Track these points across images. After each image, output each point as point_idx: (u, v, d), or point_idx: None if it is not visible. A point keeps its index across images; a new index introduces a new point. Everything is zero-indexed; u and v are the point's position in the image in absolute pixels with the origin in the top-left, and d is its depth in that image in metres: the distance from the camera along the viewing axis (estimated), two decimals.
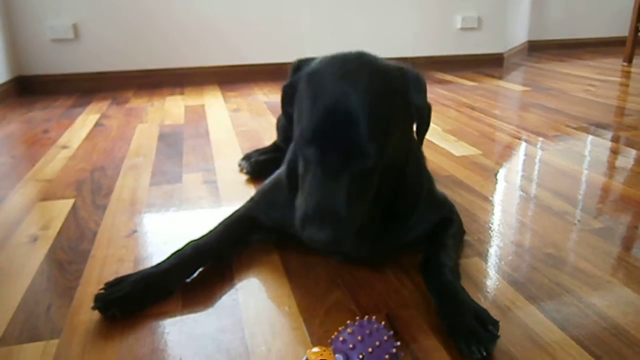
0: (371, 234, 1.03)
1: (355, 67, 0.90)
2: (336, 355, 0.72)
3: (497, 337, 0.83)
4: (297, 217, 0.87)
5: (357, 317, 0.77)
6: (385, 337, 0.74)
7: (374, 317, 0.78)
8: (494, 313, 0.92)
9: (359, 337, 0.73)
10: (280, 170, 1.20)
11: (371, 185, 0.90)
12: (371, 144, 0.85)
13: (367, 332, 0.74)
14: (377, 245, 1.06)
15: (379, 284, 1.03)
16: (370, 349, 0.71)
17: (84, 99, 2.95)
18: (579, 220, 1.30)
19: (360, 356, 0.71)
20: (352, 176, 0.86)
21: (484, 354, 0.80)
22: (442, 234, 1.10)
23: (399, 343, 0.75)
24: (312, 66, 0.95)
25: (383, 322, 0.77)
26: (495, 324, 0.85)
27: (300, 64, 0.99)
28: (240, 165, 1.70)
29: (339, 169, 0.85)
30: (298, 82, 0.96)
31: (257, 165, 1.61)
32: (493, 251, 1.16)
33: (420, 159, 1.14)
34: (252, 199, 1.23)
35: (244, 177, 1.63)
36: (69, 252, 1.19)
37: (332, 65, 0.91)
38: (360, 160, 0.86)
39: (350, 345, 0.72)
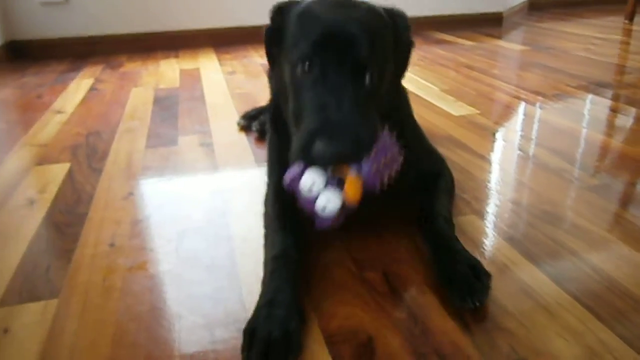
0: None
1: (345, 1, 0.93)
2: (351, 166, 0.76)
3: (489, 288, 0.84)
4: (299, 139, 0.82)
5: None
6: (395, 150, 0.79)
7: (386, 128, 0.81)
8: (490, 269, 0.93)
9: (374, 150, 0.77)
10: (270, 136, 1.18)
11: (373, 108, 0.87)
12: (371, 60, 0.85)
13: (381, 145, 0.78)
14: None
15: (375, 241, 1.04)
16: (383, 161, 0.75)
17: (77, 63, 2.91)
18: (576, 178, 1.30)
19: (374, 168, 0.74)
20: (356, 93, 0.84)
21: (477, 304, 0.81)
22: (434, 187, 1.10)
23: (402, 157, 0.79)
24: (301, 7, 0.94)
25: (394, 133, 0.81)
26: (488, 276, 0.86)
27: (283, 7, 0.97)
28: (240, 124, 1.69)
29: (342, 85, 0.83)
30: (286, 22, 0.94)
31: (264, 126, 1.60)
32: (490, 209, 1.16)
33: (404, 92, 1.17)
34: (268, 175, 1.14)
35: (240, 139, 1.62)
36: (66, 215, 1.19)
37: (324, 2, 0.93)
38: (362, 78, 0.85)
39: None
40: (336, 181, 0.77)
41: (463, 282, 0.84)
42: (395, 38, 0.95)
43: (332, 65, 0.84)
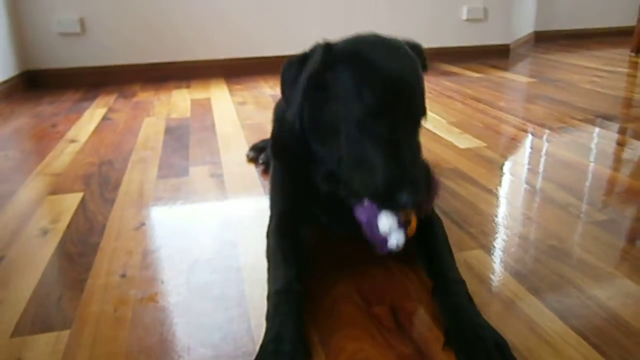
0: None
1: (392, 45, 0.95)
2: None
3: None
4: (379, 190, 0.86)
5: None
6: (439, 184, 0.99)
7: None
8: (495, 305, 0.94)
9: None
10: (273, 167, 1.18)
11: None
12: (424, 109, 0.93)
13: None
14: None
15: (381, 275, 1.05)
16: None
17: (91, 92, 2.97)
18: (582, 212, 1.31)
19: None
20: (416, 140, 0.93)
21: None
22: (435, 245, 1.03)
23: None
24: (350, 49, 0.94)
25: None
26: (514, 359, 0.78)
27: (331, 46, 0.95)
28: (249, 156, 1.73)
29: (408, 135, 0.89)
30: (337, 63, 0.92)
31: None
32: (496, 243, 1.17)
33: None
34: (271, 207, 1.17)
35: (250, 170, 1.65)
36: (79, 245, 1.21)
37: (371, 45, 0.94)
38: (418, 125, 0.93)
39: None
40: (404, 221, 0.89)
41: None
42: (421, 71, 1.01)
43: (399, 118, 0.88)
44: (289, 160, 1.11)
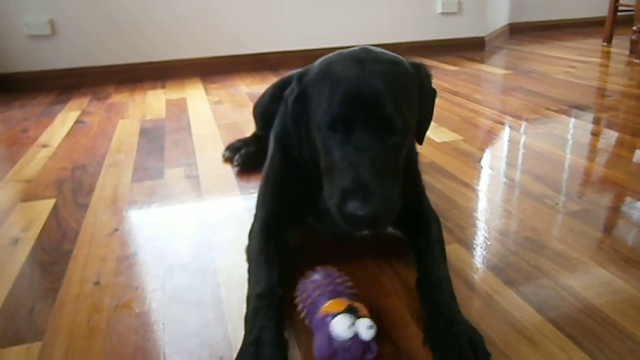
0: None
1: (369, 56, 0.92)
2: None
3: None
4: (335, 199, 0.85)
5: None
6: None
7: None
8: (473, 299, 0.94)
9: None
10: (271, 164, 1.15)
11: (400, 164, 0.91)
12: (398, 119, 0.87)
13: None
14: None
15: (361, 273, 1.04)
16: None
17: (64, 96, 2.91)
18: (558, 204, 1.32)
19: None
20: (384, 152, 0.86)
21: None
22: (428, 242, 1.02)
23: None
24: (320, 67, 0.94)
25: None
26: (488, 356, 0.78)
27: (304, 73, 0.98)
28: (224, 156, 1.71)
29: (371, 145, 0.85)
30: (307, 88, 0.95)
31: (248, 158, 1.62)
32: (473, 237, 1.17)
33: (416, 154, 1.17)
34: (260, 205, 1.15)
35: (226, 171, 1.63)
36: (51, 253, 1.18)
37: (344, 59, 0.92)
38: (390, 136, 0.87)
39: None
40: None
41: (458, 355, 0.77)
42: (419, 88, 0.96)
43: (359, 124, 0.85)
44: (294, 157, 1.08)
